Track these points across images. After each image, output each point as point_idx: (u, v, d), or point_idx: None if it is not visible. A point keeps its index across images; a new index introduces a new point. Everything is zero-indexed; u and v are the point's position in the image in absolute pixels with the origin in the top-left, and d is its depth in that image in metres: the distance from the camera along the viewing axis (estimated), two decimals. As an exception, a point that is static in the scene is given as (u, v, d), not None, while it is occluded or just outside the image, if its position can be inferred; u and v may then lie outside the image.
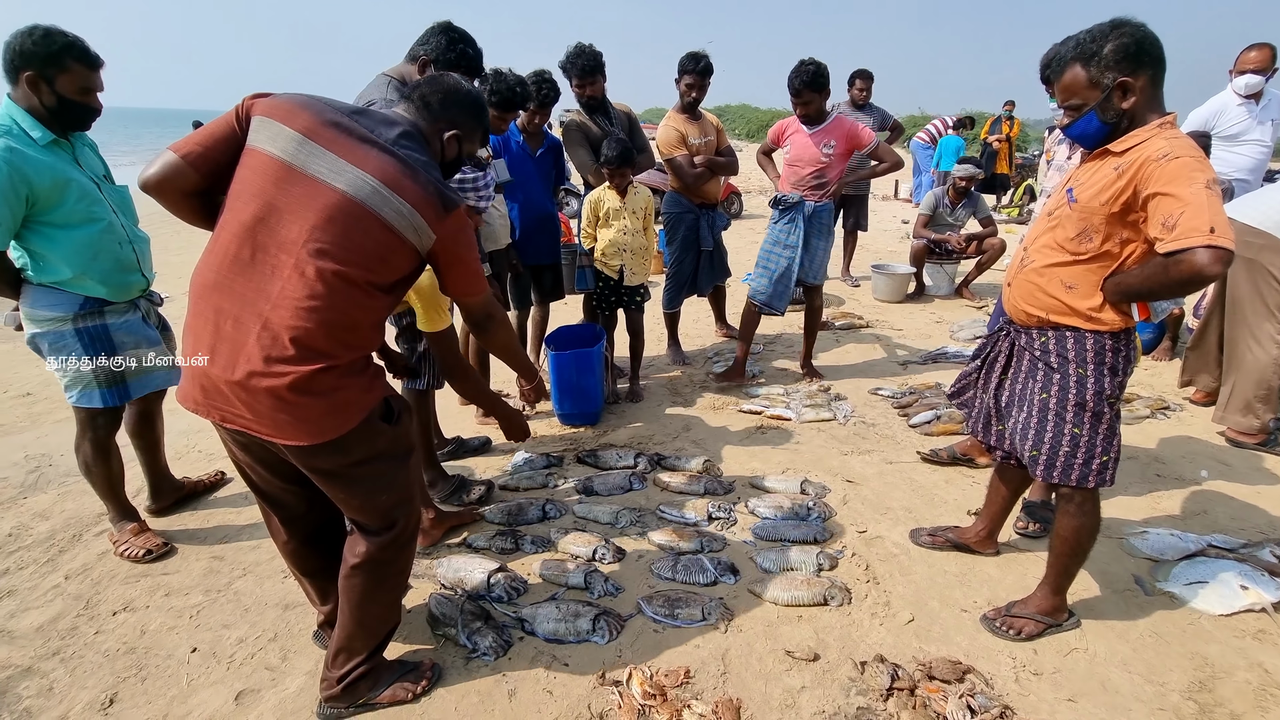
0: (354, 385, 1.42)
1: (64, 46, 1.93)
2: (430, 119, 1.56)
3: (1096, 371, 1.71)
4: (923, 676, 1.77)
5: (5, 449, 3.06)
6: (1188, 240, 1.42)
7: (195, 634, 1.96)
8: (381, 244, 1.38)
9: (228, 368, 1.32)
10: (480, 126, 1.67)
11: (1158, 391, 3.70)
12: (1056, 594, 1.93)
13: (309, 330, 1.32)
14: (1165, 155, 1.47)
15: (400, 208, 1.38)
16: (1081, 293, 1.69)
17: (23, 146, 1.92)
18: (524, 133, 3.24)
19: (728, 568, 2.19)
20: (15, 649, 1.90)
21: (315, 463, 1.45)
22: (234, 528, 2.49)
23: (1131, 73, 1.54)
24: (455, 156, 1.63)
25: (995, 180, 10.28)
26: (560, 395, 3.25)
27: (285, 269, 1.31)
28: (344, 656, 1.65)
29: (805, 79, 3.20)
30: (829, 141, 3.34)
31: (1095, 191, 1.60)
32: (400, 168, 1.39)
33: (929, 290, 5.78)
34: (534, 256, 3.38)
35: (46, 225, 1.99)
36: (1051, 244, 1.73)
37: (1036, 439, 1.80)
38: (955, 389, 2.16)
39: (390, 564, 1.62)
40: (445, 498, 2.60)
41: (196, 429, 3.22)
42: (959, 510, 2.58)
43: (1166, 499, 2.67)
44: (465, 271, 1.57)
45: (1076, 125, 1.64)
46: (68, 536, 2.43)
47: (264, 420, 1.35)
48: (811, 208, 3.43)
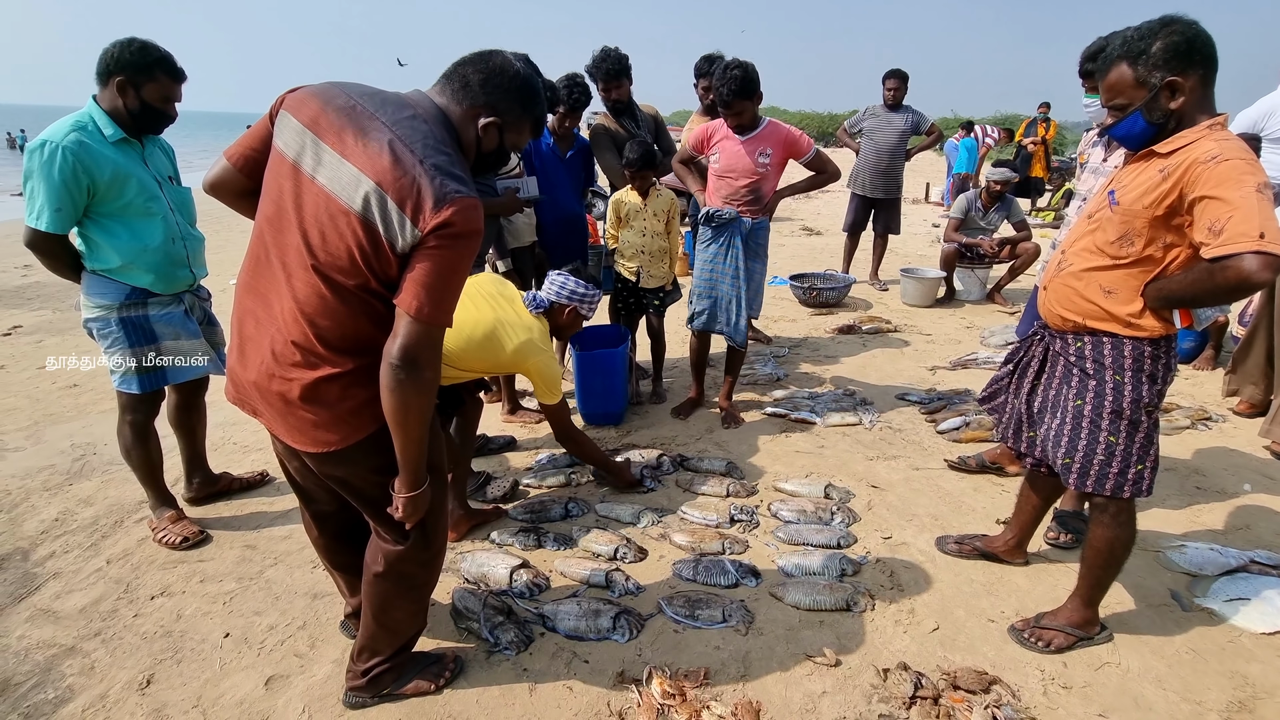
0: (364, 395, 1.35)
1: (156, 60, 2.12)
2: (467, 102, 1.36)
3: (1134, 379, 1.66)
4: (947, 686, 1.74)
5: (53, 437, 3.19)
6: (1235, 246, 1.37)
7: (228, 620, 2.02)
8: (364, 245, 1.25)
9: (249, 367, 1.36)
10: (530, 116, 1.44)
11: (1199, 401, 3.58)
12: (1088, 606, 1.88)
13: (310, 336, 1.30)
14: (1214, 157, 1.42)
15: (386, 206, 1.23)
16: (1121, 298, 1.64)
17: (92, 141, 2.07)
18: (554, 135, 3.28)
19: (749, 570, 2.18)
20: (60, 629, 1.98)
21: (327, 469, 1.44)
22: (267, 516, 2.56)
23: (1181, 72, 1.48)
24: (495, 148, 1.42)
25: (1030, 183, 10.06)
26: (584, 395, 3.27)
27: (288, 273, 1.30)
28: (368, 654, 1.68)
29: (734, 87, 2.76)
30: (764, 150, 2.92)
31: (1139, 194, 1.55)
32: (391, 157, 1.23)
33: (959, 295, 5.68)
34: (562, 257, 3.41)
35: (105, 216, 2.13)
36: (1091, 247, 1.68)
37: (1070, 447, 1.75)
38: (986, 393, 2.11)
39: (412, 577, 1.59)
40: (470, 494, 2.63)
41: (233, 421, 3.32)
42: (987, 518, 2.53)
43: (1207, 512, 2.58)
44: (428, 282, 1.24)
45: (1121, 126, 1.59)
46: (110, 522, 2.52)
47: (278, 422, 1.38)
48: (749, 225, 3.03)
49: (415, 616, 1.70)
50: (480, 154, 1.42)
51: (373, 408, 1.34)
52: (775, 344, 4.54)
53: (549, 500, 2.61)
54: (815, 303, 5.38)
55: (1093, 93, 2.51)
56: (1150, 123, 1.54)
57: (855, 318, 5.04)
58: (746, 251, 3.06)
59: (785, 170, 3.10)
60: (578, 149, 3.41)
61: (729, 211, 3.00)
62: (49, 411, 3.47)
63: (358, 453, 1.39)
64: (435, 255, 1.24)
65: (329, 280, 1.28)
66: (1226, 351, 3.98)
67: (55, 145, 2.00)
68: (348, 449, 1.37)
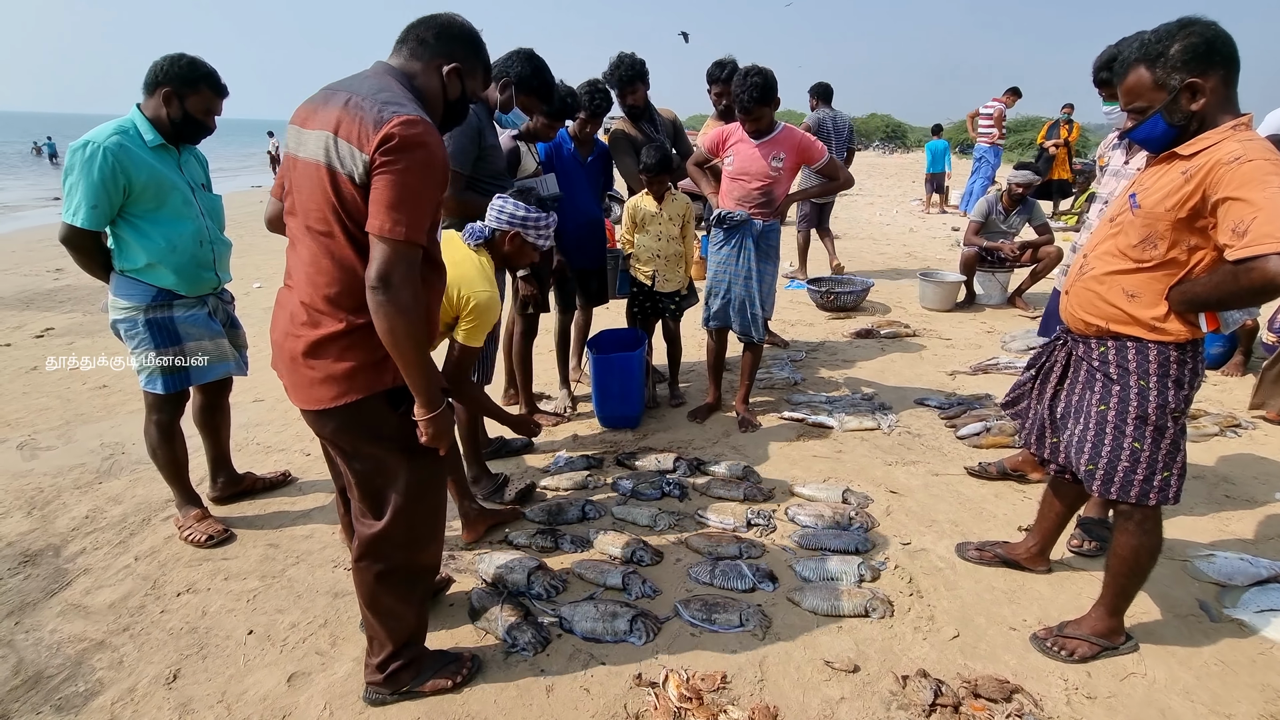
0: (361, 358, 1.45)
1: (203, 75, 2.25)
2: (427, 55, 1.51)
3: (1159, 384, 1.63)
4: (968, 694, 1.72)
5: (83, 437, 3.27)
6: (1260, 247, 1.34)
7: (252, 617, 2.06)
8: (328, 189, 1.37)
9: (276, 328, 1.56)
10: (480, 63, 1.59)
11: (1228, 408, 3.50)
12: (1112, 615, 1.85)
13: (314, 295, 1.44)
14: (1237, 158, 1.40)
15: (338, 146, 1.35)
16: (1145, 302, 1.61)
17: (132, 145, 2.17)
18: (575, 140, 3.31)
19: (766, 574, 2.17)
20: (90, 623, 2.03)
21: (319, 427, 1.55)
22: (289, 516, 2.60)
23: (1201, 73, 1.47)
24: (460, 95, 1.56)
25: (1052, 186, 9.93)
26: (602, 398, 3.28)
27: (296, 244, 1.50)
28: (377, 645, 1.70)
29: (755, 94, 2.82)
30: (778, 154, 2.97)
31: (1161, 196, 1.53)
32: (342, 108, 1.36)
33: (980, 299, 5.61)
34: (581, 261, 3.43)
35: (137, 217, 2.21)
36: (1114, 251, 1.66)
37: (1094, 453, 1.73)
38: (1009, 399, 2.09)
39: (389, 558, 1.60)
40: (488, 495, 2.66)
41: (256, 422, 3.38)
42: (1008, 525, 2.50)
43: (1236, 521, 2.52)
44: (387, 200, 1.31)
45: (1141, 129, 1.58)
46: (138, 520, 2.58)
47: (287, 379, 1.54)
48: (760, 227, 3.08)
49: (408, 605, 1.69)
50: (448, 104, 1.55)
51: (369, 373, 1.46)
52: (792, 348, 4.53)
53: (566, 502, 2.62)
54: (832, 307, 5.35)
55: (1110, 100, 2.48)
56: (1171, 125, 1.53)
57: (873, 322, 5.00)
58: (758, 253, 3.10)
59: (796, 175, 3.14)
60: (597, 154, 3.43)
61: (741, 214, 3.04)
62: (79, 411, 3.56)
63: (348, 414, 1.48)
64: (388, 173, 1.31)
65: (317, 235, 1.42)
66: (1257, 357, 3.89)
67: (97, 145, 2.09)
68: (339, 409, 1.47)
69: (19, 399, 3.72)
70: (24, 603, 2.12)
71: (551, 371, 3.77)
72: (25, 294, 6.05)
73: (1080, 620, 1.89)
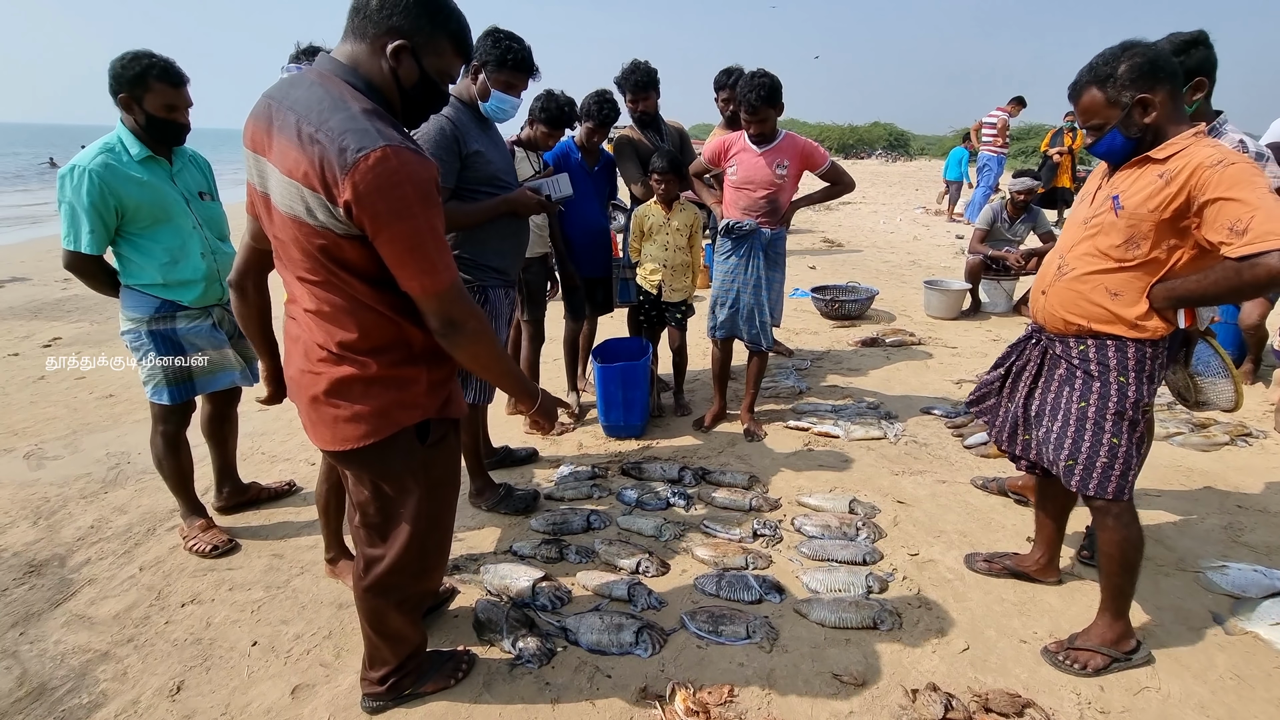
0: (392, 396, 1.36)
1: (146, 68, 2.08)
2: (370, 33, 1.23)
3: (1138, 380, 1.72)
4: (979, 708, 1.70)
5: (89, 446, 3.28)
6: (1264, 244, 1.41)
7: (256, 628, 2.05)
8: (322, 247, 1.23)
9: (291, 364, 1.45)
10: (444, 31, 1.27)
11: (1238, 416, 3.47)
12: (1117, 619, 1.85)
13: (327, 339, 1.34)
14: (1220, 161, 1.49)
15: (305, 197, 1.18)
16: (1126, 300, 1.69)
17: (118, 163, 2.13)
18: (581, 149, 3.32)
19: (773, 586, 2.16)
20: (95, 634, 2.03)
21: (346, 467, 1.49)
22: (294, 526, 2.59)
23: (1149, 89, 1.58)
24: (419, 79, 1.28)
25: (1056, 194, 9.91)
26: (606, 407, 3.27)
27: (292, 286, 1.38)
28: (379, 664, 1.69)
29: (763, 94, 2.82)
30: (782, 161, 2.96)
31: (1142, 199, 1.61)
32: (294, 143, 1.16)
33: (985, 307, 5.59)
34: (588, 270, 3.44)
35: (135, 234, 2.20)
36: (1093, 251, 1.73)
37: (1074, 449, 1.78)
38: (975, 397, 2.16)
39: (399, 590, 1.57)
40: (492, 506, 2.65)
41: (262, 432, 3.38)
42: (1017, 536, 2.47)
43: (1249, 532, 2.49)
44: (406, 260, 1.21)
45: (1101, 143, 1.69)
46: (143, 530, 2.58)
47: (305, 417, 1.45)
48: (768, 236, 3.07)
49: (414, 626, 1.70)
50: (405, 93, 1.29)
51: (398, 411, 1.38)
52: (797, 357, 4.51)
53: (571, 512, 2.61)
54: (837, 315, 5.34)
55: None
56: (1128, 138, 1.64)
57: (878, 330, 4.99)
58: (767, 261, 3.11)
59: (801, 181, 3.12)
60: (603, 163, 3.44)
61: (749, 223, 3.03)
62: (86, 421, 3.57)
63: (375, 453, 1.40)
64: (388, 231, 1.18)
65: (310, 285, 1.31)
66: (1267, 365, 3.86)
67: (82, 170, 2.07)
68: (360, 450, 1.38)
69: (26, 408, 3.73)
70: (29, 613, 2.11)
71: (559, 380, 3.77)
72: (34, 304, 6.09)
73: (1088, 631, 1.88)
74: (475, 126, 2.27)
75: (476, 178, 2.25)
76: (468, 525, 2.57)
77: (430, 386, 1.43)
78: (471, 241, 2.31)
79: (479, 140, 2.25)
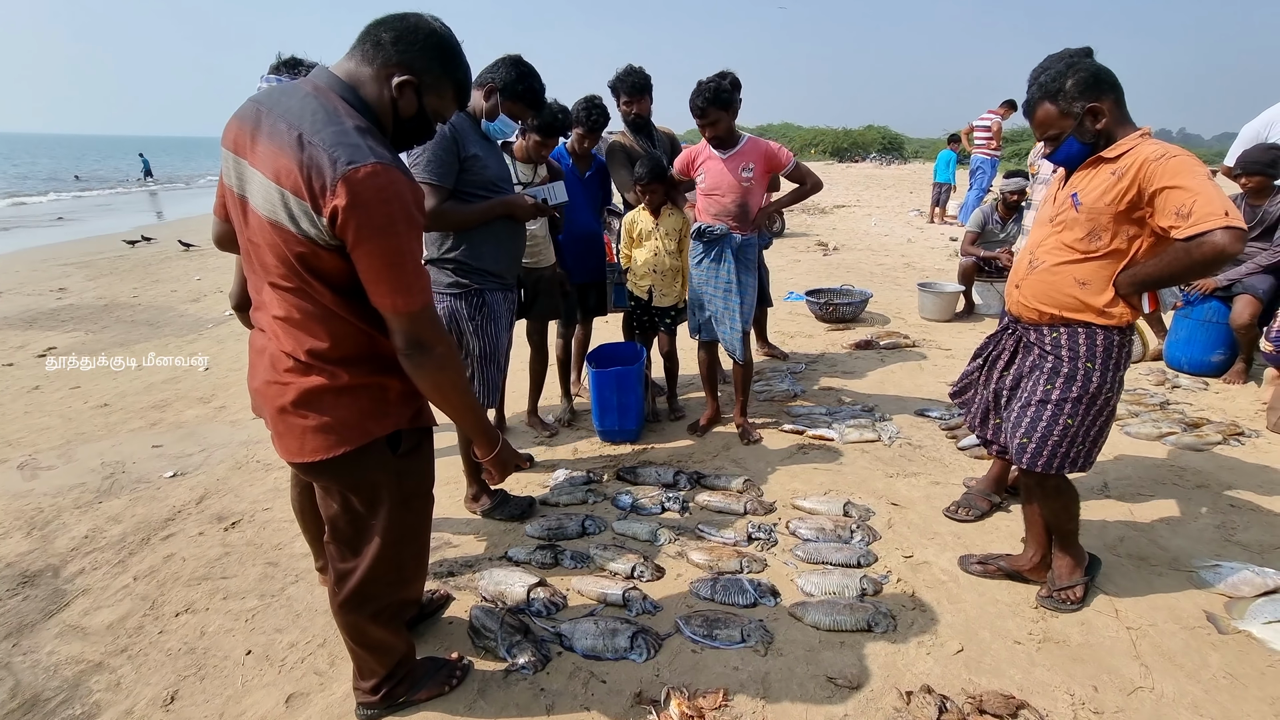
0: (363, 406, 1.35)
1: None
2: (379, 61, 1.26)
3: (1104, 366, 1.84)
4: (973, 710, 1.70)
5: (84, 456, 3.27)
6: (1206, 224, 1.55)
7: (250, 637, 2.04)
8: (282, 249, 1.23)
9: (255, 376, 1.42)
10: (451, 78, 1.33)
11: (1230, 416, 3.49)
12: (1070, 549, 2.07)
13: (295, 347, 1.31)
14: (1163, 155, 1.64)
15: (287, 202, 1.19)
16: (1094, 289, 1.81)
17: None
18: (573, 155, 3.33)
19: (768, 589, 2.16)
20: (88, 645, 2.02)
21: (315, 480, 1.46)
22: (288, 534, 2.59)
23: (1097, 98, 1.74)
24: (415, 113, 1.31)
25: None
26: (601, 412, 3.28)
27: (261, 293, 1.35)
28: (367, 673, 1.69)
29: (708, 96, 2.85)
30: (747, 164, 2.99)
31: (1099, 194, 1.75)
32: (284, 149, 1.17)
33: (979, 309, 5.62)
34: (581, 275, 3.45)
35: None
36: (1060, 245, 1.86)
37: (1030, 427, 1.92)
38: (958, 388, 2.30)
39: (375, 600, 1.55)
40: (488, 512, 2.65)
41: (256, 439, 3.38)
42: (1011, 537, 2.48)
43: (1242, 531, 2.50)
44: (383, 276, 1.21)
45: (1060, 151, 1.82)
46: (137, 540, 2.57)
47: (273, 428, 1.40)
48: (739, 240, 3.08)
49: (398, 635, 1.68)
50: (399, 121, 1.32)
51: (370, 420, 1.36)
52: (792, 360, 4.52)
53: (565, 517, 2.61)
54: (832, 318, 5.35)
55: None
56: (1083, 144, 1.79)
57: (872, 333, 5.01)
58: (739, 265, 3.11)
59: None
60: (595, 169, 3.46)
61: (720, 228, 3.06)
62: (80, 430, 3.56)
63: (344, 464, 1.37)
64: (369, 245, 1.18)
65: (283, 291, 1.29)
66: (1258, 365, 3.88)
67: None
68: (334, 459, 1.35)
69: (20, 418, 3.72)
70: (22, 624, 2.11)
71: (553, 384, 3.77)
72: (29, 314, 6.08)
73: (1058, 573, 2.08)
74: (473, 133, 2.35)
75: (474, 181, 2.32)
76: (463, 531, 2.57)
77: (402, 396, 1.41)
78: (469, 245, 2.34)
79: (476, 145, 2.32)
